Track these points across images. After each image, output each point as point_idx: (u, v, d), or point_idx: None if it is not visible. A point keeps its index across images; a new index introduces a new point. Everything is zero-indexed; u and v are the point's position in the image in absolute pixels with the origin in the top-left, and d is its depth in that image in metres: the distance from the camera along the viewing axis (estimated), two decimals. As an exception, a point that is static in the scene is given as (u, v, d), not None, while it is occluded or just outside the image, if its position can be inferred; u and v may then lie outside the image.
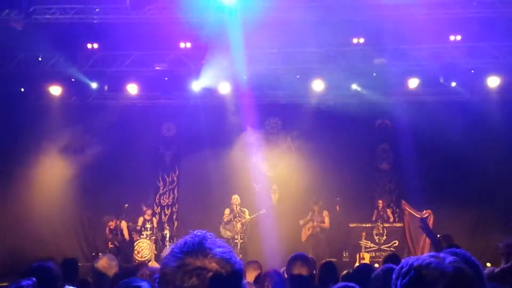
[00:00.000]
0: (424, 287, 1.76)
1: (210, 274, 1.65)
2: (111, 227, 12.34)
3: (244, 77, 12.39)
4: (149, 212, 13.10)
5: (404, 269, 1.86)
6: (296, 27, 11.11)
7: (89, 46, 12.48)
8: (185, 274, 1.65)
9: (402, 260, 1.95)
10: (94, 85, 12.87)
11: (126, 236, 12.33)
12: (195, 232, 1.80)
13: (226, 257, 1.70)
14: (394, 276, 1.89)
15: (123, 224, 12.39)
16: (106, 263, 4.69)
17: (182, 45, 12.42)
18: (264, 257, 10.67)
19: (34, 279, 3.31)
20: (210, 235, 1.77)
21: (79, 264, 5.85)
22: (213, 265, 1.66)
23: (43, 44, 12.00)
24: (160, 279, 1.71)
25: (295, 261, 4.26)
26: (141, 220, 12.91)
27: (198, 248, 1.69)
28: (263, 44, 11.80)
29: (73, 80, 12.88)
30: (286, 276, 4.50)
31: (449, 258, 1.82)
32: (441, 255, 1.84)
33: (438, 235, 10.19)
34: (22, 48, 12.25)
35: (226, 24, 10.76)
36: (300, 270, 4.19)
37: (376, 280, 3.45)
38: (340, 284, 3.33)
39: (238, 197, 13.08)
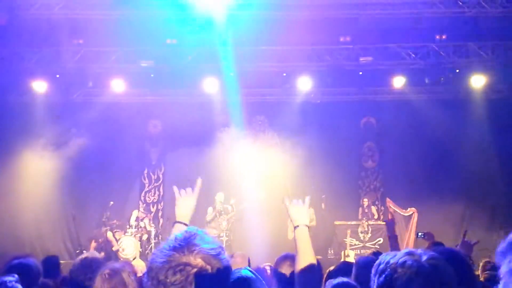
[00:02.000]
0: (399, 285, 1.75)
1: (195, 270, 1.64)
2: (99, 243, 12.22)
3: (231, 74, 12.37)
4: (143, 215, 13.08)
5: (381, 267, 1.85)
6: (283, 25, 11.12)
7: (74, 42, 12.35)
8: (169, 269, 1.64)
9: (380, 256, 1.94)
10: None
11: (115, 246, 12.16)
12: (187, 228, 1.79)
13: (213, 253, 1.68)
14: (372, 272, 1.89)
15: (109, 235, 12.28)
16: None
17: (168, 41, 12.36)
18: (250, 254, 10.64)
19: (16, 275, 3.28)
20: (202, 231, 1.76)
21: (61, 261, 5.80)
22: (198, 261, 1.65)
23: (28, 40, 11.86)
24: (147, 273, 1.70)
25: (285, 261, 4.27)
26: (135, 214, 12.84)
27: (186, 244, 1.69)
28: (251, 42, 11.79)
29: (57, 76, 12.76)
30: (269, 273, 4.50)
31: (427, 255, 1.81)
32: (418, 252, 1.83)
33: (420, 233, 10.26)
34: (6, 44, 12.09)
35: (213, 21, 10.73)
36: (288, 269, 4.20)
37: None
38: (339, 281, 3.32)
39: (222, 195, 13.05)
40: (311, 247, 2.82)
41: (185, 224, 2.77)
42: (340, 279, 3.35)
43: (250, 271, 2.19)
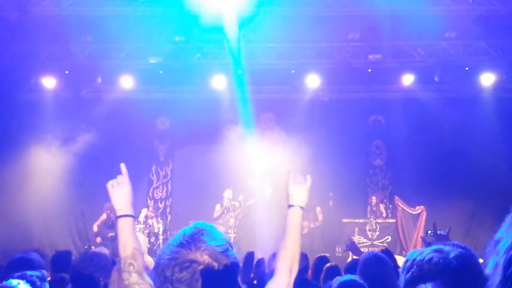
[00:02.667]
0: (426, 282, 1.73)
1: (201, 267, 1.63)
2: (109, 214, 12.27)
3: (240, 71, 12.36)
4: (152, 214, 13.10)
5: (408, 264, 1.84)
6: (292, 22, 11.10)
7: (83, 38, 12.39)
8: (176, 266, 1.64)
9: (408, 253, 1.92)
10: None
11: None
12: (195, 223, 1.78)
13: (219, 250, 1.68)
14: (401, 270, 1.87)
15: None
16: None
17: (177, 38, 12.36)
18: (257, 251, 10.67)
19: (44, 271, 3.30)
20: (211, 227, 1.75)
21: (72, 257, 5.83)
22: (205, 258, 1.64)
23: (37, 36, 11.91)
24: (154, 269, 1.70)
25: None
26: (144, 212, 12.88)
27: (192, 240, 1.68)
28: (259, 39, 11.78)
29: (66, 72, 12.81)
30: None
31: (455, 252, 1.79)
32: (446, 249, 1.81)
33: (429, 231, 10.22)
34: (16, 40, 12.15)
35: (222, 18, 10.72)
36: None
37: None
38: (346, 279, 3.33)
39: (231, 192, 13.06)
40: (300, 233, 2.58)
41: (130, 216, 2.56)
42: (347, 277, 3.36)
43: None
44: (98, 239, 12.21)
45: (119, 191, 2.62)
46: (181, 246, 1.68)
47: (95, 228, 12.33)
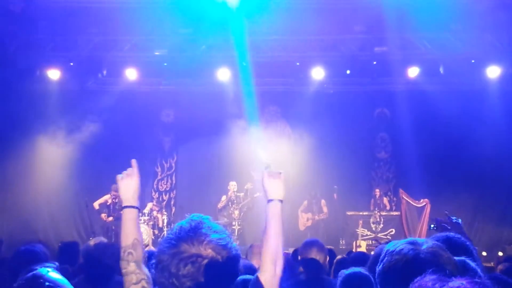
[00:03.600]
0: (397, 273, 1.73)
1: (206, 261, 1.64)
2: (114, 198, 12.33)
3: (244, 64, 12.33)
4: (156, 208, 13.15)
5: (382, 256, 1.84)
6: (296, 14, 11.04)
7: (88, 30, 12.37)
8: (181, 261, 1.64)
9: (384, 246, 1.93)
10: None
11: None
12: (191, 216, 1.78)
13: (222, 243, 1.68)
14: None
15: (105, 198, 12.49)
16: None
17: (182, 30, 12.33)
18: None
19: (57, 263, 3.31)
20: (207, 219, 1.75)
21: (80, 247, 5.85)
22: (209, 252, 1.65)
23: (42, 28, 11.91)
24: (156, 266, 1.69)
25: (311, 247, 4.28)
26: (149, 206, 12.92)
27: (194, 234, 1.68)
28: (264, 31, 11.73)
29: (71, 64, 12.82)
30: (293, 258, 4.53)
31: (429, 244, 1.79)
32: (420, 240, 1.81)
33: (432, 225, 10.20)
34: (21, 32, 12.15)
35: (227, 10, 10.69)
36: (316, 256, 4.22)
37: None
38: (351, 271, 3.33)
39: (235, 184, 13.07)
40: (281, 226, 2.55)
41: (134, 207, 2.60)
42: (352, 269, 3.36)
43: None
44: (104, 215, 12.32)
45: (128, 182, 2.69)
46: (182, 240, 1.67)
47: (96, 206, 12.44)
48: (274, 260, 2.35)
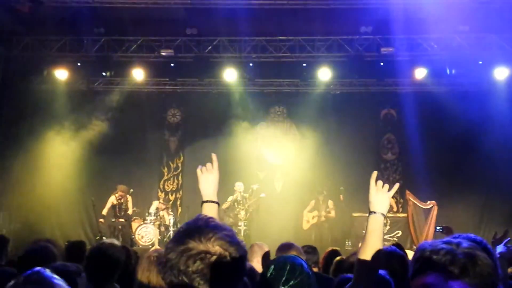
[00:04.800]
0: (432, 272, 1.72)
1: (214, 257, 1.64)
2: (119, 198, 12.37)
3: (251, 64, 12.35)
4: (163, 206, 13.16)
5: (417, 255, 1.83)
6: (303, 14, 11.05)
7: (95, 31, 12.43)
8: (189, 258, 1.64)
9: (419, 245, 1.91)
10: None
11: (130, 210, 12.45)
12: (198, 216, 1.79)
13: (229, 240, 1.69)
14: (410, 261, 1.87)
15: (129, 198, 12.51)
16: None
17: (188, 31, 12.37)
18: (268, 244, 10.69)
19: (77, 265, 3.32)
20: (213, 219, 1.76)
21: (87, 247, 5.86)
22: (217, 249, 1.66)
23: (50, 28, 11.97)
24: (164, 264, 1.70)
25: (290, 249, 4.26)
26: (155, 204, 12.94)
27: (201, 232, 1.69)
28: (270, 32, 11.74)
29: (79, 64, 12.88)
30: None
31: (465, 244, 1.77)
32: (456, 240, 1.79)
33: (438, 227, 10.18)
34: (29, 32, 12.22)
35: (233, 11, 10.70)
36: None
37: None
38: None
39: (242, 184, 13.06)
40: (380, 239, 2.57)
41: (214, 202, 2.70)
42: None
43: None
44: (101, 221, 12.34)
45: (208, 177, 2.78)
46: (189, 237, 1.68)
47: (104, 213, 12.45)
48: None
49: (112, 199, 12.48)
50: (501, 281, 2.10)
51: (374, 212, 2.61)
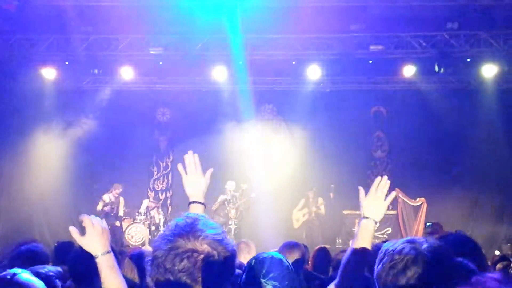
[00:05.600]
0: (397, 272, 1.71)
1: (202, 256, 1.62)
2: (112, 196, 12.30)
3: (240, 62, 12.31)
4: (153, 205, 13.12)
5: (380, 255, 1.82)
6: (293, 12, 11.02)
7: (83, 29, 12.32)
8: (176, 256, 1.62)
9: (383, 245, 1.91)
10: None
11: (121, 212, 12.39)
12: (187, 214, 1.76)
13: (218, 238, 1.67)
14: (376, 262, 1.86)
15: (121, 200, 12.45)
16: None
17: (177, 29, 12.29)
18: (257, 243, 10.68)
19: (60, 269, 3.27)
20: (203, 216, 1.74)
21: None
22: (205, 247, 1.63)
23: (37, 27, 11.85)
24: (151, 262, 1.68)
25: (292, 249, 4.26)
26: (145, 203, 12.88)
27: (190, 230, 1.67)
28: (260, 30, 11.71)
29: (66, 63, 12.77)
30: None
31: (428, 243, 1.77)
32: (419, 239, 1.79)
33: (428, 223, 10.25)
34: (15, 30, 12.09)
35: (223, 8, 10.66)
36: (289, 257, 4.19)
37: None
38: None
39: (233, 183, 13.04)
40: (369, 244, 2.55)
41: (201, 203, 2.69)
42: None
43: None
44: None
45: (193, 179, 2.76)
46: (178, 235, 1.66)
47: (99, 207, 12.36)
48: None
49: (107, 198, 12.38)
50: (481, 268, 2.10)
51: (367, 218, 2.58)
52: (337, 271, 3.83)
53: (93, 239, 2.44)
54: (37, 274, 2.27)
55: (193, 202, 2.71)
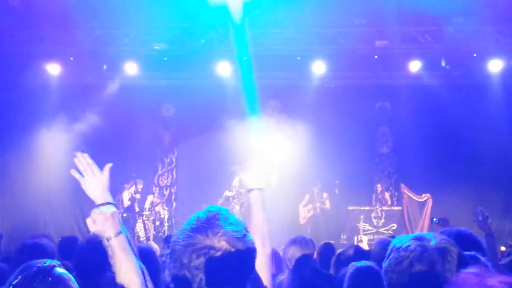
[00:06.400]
0: (403, 269, 1.69)
1: (219, 253, 1.59)
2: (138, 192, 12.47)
3: (245, 58, 12.27)
4: (158, 200, 13.17)
5: (388, 251, 1.80)
6: (297, 7, 10.98)
7: (87, 24, 12.30)
8: (193, 252, 1.60)
9: (391, 241, 1.89)
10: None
11: (125, 203, 12.47)
12: (209, 207, 1.73)
13: (237, 235, 1.64)
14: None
15: (125, 193, 12.54)
16: None
17: (182, 24, 12.26)
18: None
19: (58, 262, 3.26)
20: (226, 210, 1.71)
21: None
22: (223, 244, 1.60)
23: (42, 23, 11.85)
24: (170, 255, 1.66)
25: (292, 245, 4.23)
26: (150, 198, 12.93)
27: (209, 225, 1.64)
28: (264, 25, 11.67)
29: (71, 59, 12.77)
30: (283, 256, 4.48)
31: (437, 240, 1.74)
32: (427, 236, 1.76)
33: (435, 219, 10.21)
34: (20, 26, 12.09)
35: (227, 4, 10.62)
36: (297, 253, 4.16)
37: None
38: (362, 265, 3.30)
39: (239, 180, 13.03)
40: (264, 212, 2.55)
41: (111, 204, 2.47)
42: (363, 263, 3.32)
43: None
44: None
45: (91, 180, 2.58)
46: (196, 231, 1.63)
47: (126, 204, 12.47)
48: (263, 243, 2.38)
49: (128, 193, 12.48)
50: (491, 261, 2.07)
51: (252, 190, 2.58)
52: (340, 268, 3.81)
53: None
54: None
55: (102, 204, 2.48)
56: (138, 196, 12.95)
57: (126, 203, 12.66)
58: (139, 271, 2.19)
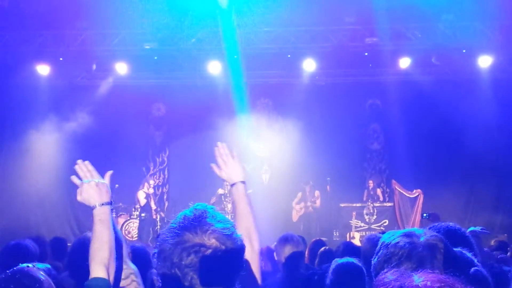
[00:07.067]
0: (392, 265, 1.69)
1: (209, 251, 1.59)
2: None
3: (235, 56, 12.25)
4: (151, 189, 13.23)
5: (377, 248, 1.80)
6: (287, 6, 10.98)
7: (77, 24, 12.24)
8: (183, 251, 1.59)
9: (381, 237, 1.89)
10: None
11: (142, 202, 12.67)
12: (195, 205, 1.73)
13: (227, 233, 1.64)
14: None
15: (140, 193, 12.59)
16: None
17: (172, 24, 12.22)
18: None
19: (49, 266, 3.25)
20: (212, 208, 1.70)
21: (68, 244, 5.80)
22: (213, 242, 1.60)
23: (30, 23, 11.77)
24: (157, 256, 1.65)
25: (284, 243, 4.25)
26: (141, 194, 12.95)
27: (197, 223, 1.63)
28: (254, 23, 11.66)
29: (61, 59, 12.69)
30: (276, 255, 4.50)
31: (426, 236, 1.74)
32: (417, 232, 1.76)
33: (425, 214, 10.26)
34: (9, 27, 12.00)
35: (217, 3, 10.61)
36: (288, 250, 4.18)
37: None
38: (344, 261, 3.31)
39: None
40: (248, 204, 2.58)
41: (109, 204, 2.48)
42: (346, 259, 3.33)
43: None
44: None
45: (93, 185, 2.59)
46: (185, 229, 1.62)
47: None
48: (249, 237, 2.40)
49: (142, 192, 12.52)
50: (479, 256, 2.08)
51: (234, 183, 2.62)
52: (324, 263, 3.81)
53: (88, 190, 2.53)
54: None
55: (105, 204, 2.46)
56: (151, 190, 13.05)
57: (143, 201, 12.69)
58: (113, 249, 2.18)
